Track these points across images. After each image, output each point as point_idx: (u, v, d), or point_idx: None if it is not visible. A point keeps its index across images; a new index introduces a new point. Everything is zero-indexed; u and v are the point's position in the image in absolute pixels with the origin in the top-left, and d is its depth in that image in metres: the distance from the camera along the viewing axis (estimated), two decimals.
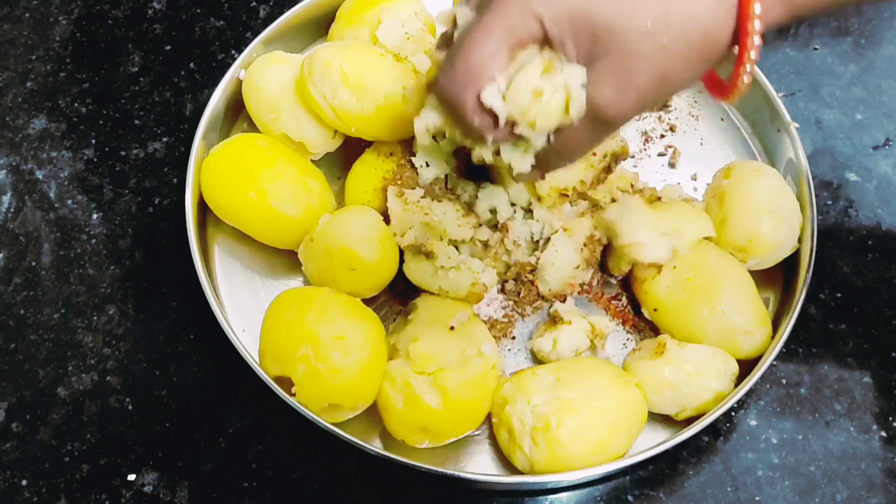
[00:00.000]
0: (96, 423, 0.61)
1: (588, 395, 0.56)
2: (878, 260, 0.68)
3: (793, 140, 0.68)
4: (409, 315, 0.61)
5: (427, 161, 0.64)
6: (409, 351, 0.57)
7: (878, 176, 0.73)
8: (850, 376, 0.63)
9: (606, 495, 0.59)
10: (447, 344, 0.58)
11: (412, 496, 0.59)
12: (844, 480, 0.60)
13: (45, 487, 0.59)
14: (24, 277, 0.67)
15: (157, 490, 0.59)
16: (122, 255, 0.68)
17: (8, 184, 0.71)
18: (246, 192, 0.62)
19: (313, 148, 0.67)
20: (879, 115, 0.76)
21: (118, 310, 0.65)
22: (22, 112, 0.74)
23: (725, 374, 0.59)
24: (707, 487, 0.60)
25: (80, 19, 0.80)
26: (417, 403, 0.56)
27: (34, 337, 0.64)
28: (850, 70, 0.78)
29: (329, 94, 0.63)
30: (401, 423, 0.57)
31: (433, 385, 0.56)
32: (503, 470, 0.59)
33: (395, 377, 0.57)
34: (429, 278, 0.61)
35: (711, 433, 0.61)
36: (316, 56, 0.63)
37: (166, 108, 0.75)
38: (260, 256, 0.66)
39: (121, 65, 0.77)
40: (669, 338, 0.61)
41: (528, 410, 0.55)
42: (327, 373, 0.55)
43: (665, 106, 0.74)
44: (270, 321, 0.59)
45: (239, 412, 0.61)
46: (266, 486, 0.59)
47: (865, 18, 0.81)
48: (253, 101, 0.67)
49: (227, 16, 0.81)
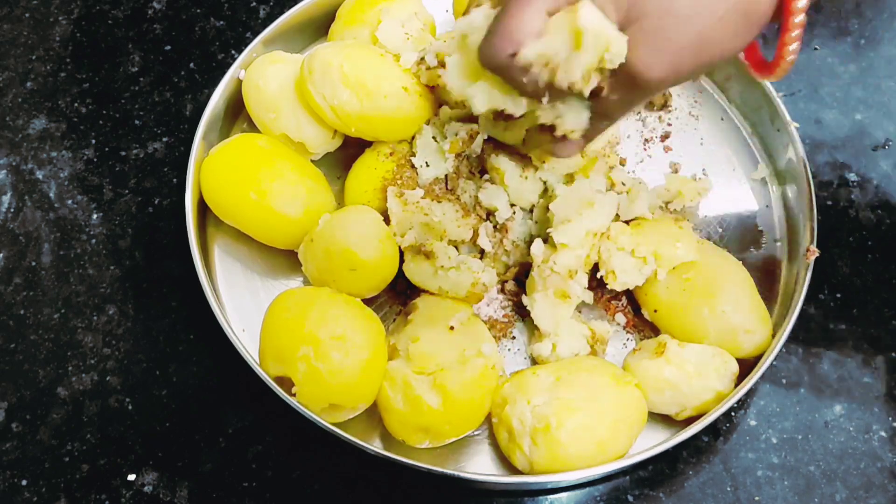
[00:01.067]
0: (96, 423, 0.61)
1: (588, 396, 0.56)
2: (878, 260, 0.68)
3: (793, 140, 0.68)
4: (409, 315, 0.61)
5: (427, 161, 0.64)
6: (409, 351, 0.57)
7: (878, 176, 0.73)
8: (850, 376, 0.64)
9: (606, 495, 0.59)
10: (447, 344, 0.58)
11: (412, 496, 0.59)
12: (844, 480, 0.60)
13: (45, 487, 0.59)
14: (24, 277, 0.67)
15: (157, 490, 0.59)
16: (122, 255, 0.68)
17: (8, 184, 0.71)
18: (246, 192, 0.62)
19: (313, 148, 0.67)
20: (879, 115, 0.76)
21: (118, 310, 0.65)
22: (22, 112, 0.75)
23: (726, 374, 0.59)
24: (707, 487, 0.60)
25: (80, 19, 0.80)
26: (417, 403, 0.56)
27: (34, 337, 0.64)
28: (850, 70, 0.78)
29: (329, 94, 0.63)
30: (401, 423, 0.57)
31: (433, 385, 0.56)
32: (503, 470, 0.59)
33: (395, 377, 0.57)
34: (429, 278, 0.61)
35: (711, 433, 0.61)
36: (316, 56, 0.63)
37: (166, 108, 0.75)
38: (260, 256, 0.66)
39: (121, 65, 0.77)
40: (670, 338, 0.61)
41: (528, 411, 0.55)
42: (328, 373, 0.55)
43: (665, 105, 0.74)
44: (270, 321, 0.59)
45: (239, 412, 0.62)
46: (266, 486, 0.59)
47: (865, 18, 0.81)
48: (253, 101, 0.67)
49: (227, 16, 0.81)
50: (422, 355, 0.57)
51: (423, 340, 0.58)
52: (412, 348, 0.57)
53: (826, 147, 0.74)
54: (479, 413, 0.58)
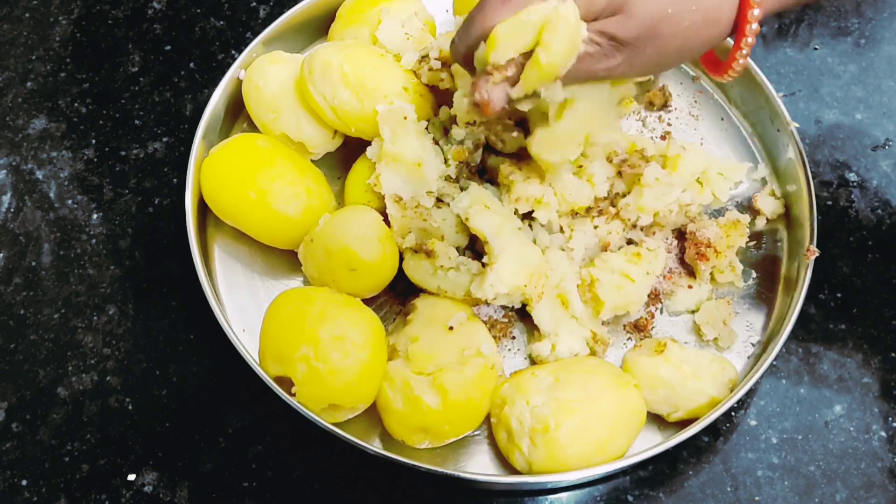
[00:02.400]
0: (96, 423, 0.61)
1: (587, 397, 0.56)
2: (878, 260, 0.68)
3: (793, 140, 0.68)
4: (409, 315, 0.61)
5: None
6: (409, 351, 0.57)
7: (878, 176, 0.73)
8: (850, 376, 0.64)
9: (606, 495, 0.59)
10: (446, 344, 0.58)
11: (412, 496, 0.59)
12: (844, 480, 0.60)
13: (45, 487, 0.59)
14: (24, 277, 0.67)
15: (157, 490, 0.59)
16: (122, 255, 0.68)
17: (8, 184, 0.71)
18: (246, 192, 0.62)
19: (313, 148, 0.67)
20: (879, 115, 0.76)
21: (118, 310, 0.65)
22: (22, 112, 0.75)
23: (722, 380, 0.59)
24: (707, 487, 0.60)
25: (80, 19, 0.80)
26: (417, 404, 0.56)
27: (34, 337, 0.64)
28: (850, 70, 0.78)
29: (329, 95, 0.63)
30: (400, 424, 0.57)
31: (432, 385, 0.56)
32: (502, 470, 0.59)
33: (395, 377, 0.57)
34: (428, 277, 0.61)
35: (711, 433, 0.61)
36: (316, 56, 0.63)
37: (166, 108, 0.75)
38: (260, 256, 0.66)
39: (121, 65, 0.77)
40: (672, 340, 0.61)
41: (527, 411, 0.55)
42: (328, 373, 0.55)
43: (665, 105, 0.74)
44: (270, 321, 0.59)
45: (239, 412, 0.62)
46: (266, 486, 0.59)
47: (865, 18, 0.81)
48: (253, 101, 0.67)
49: (227, 16, 0.81)
50: (421, 355, 0.57)
51: (422, 341, 0.58)
52: (411, 348, 0.57)
53: (826, 147, 0.74)
54: (478, 413, 0.58)
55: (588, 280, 0.62)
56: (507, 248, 0.59)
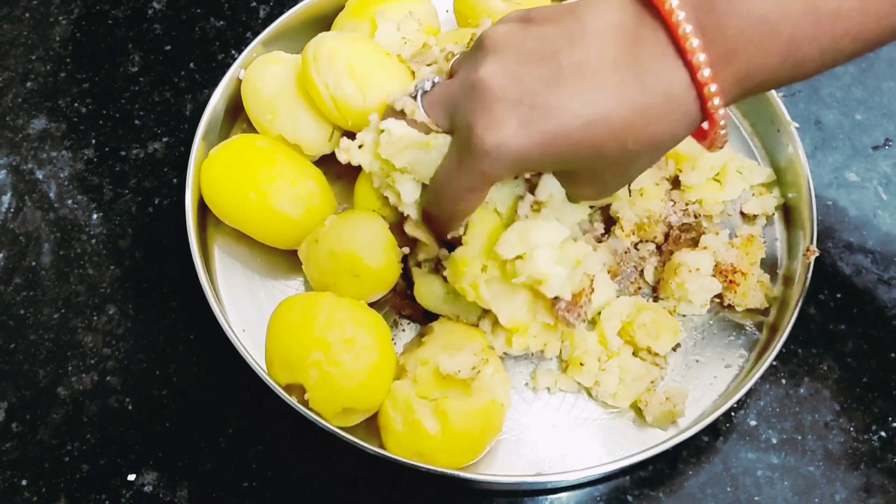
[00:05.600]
0: (96, 423, 0.61)
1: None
2: (878, 260, 0.69)
3: (793, 140, 0.68)
4: (424, 337, 0.60)
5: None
6: (417, 373, 0.56)
7: (878, 176, 0.73)
8: (850, 377, 0.64)
9: (606, 495, 0.59)
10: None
11: (412, 496, 0.59)
12: (844, 481, 0.60)
13: (45, 487, 0.59)
14: (24, 277, 0.67)
15: (157, 490, 0.59)
16: (122, 255, 0.68)
17: (8, 184, 0.71)
18: (246, 193, 0.62)
19: (309, 150, 0.66)
20: (879, 115, 0.76)
21: (118, 310, 0.65)
22: (22, 112, 0.75)
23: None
24: (707, 487, 0.60)
25: (80, 19, 0.80)
26: (416, 427, 0.55)
27: (34, 337, 0.64)
28: (850, 70, 0.78)
29: (332, 84, 0.62)
30: (398, 445, 0.56)
31: (434, 411, 0.55)
32: (503, 470, 0.59)
33: (399, 397, 0.56)
34: (439, 303, 0.60)
35: (711, 433, 0.61)
36: (323, 43, 0.62)
37: (166, 108, 0.75)
38: (260, 256, 0.66)
39: (121, 65, 0.77)
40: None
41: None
42: (341, 377, 0.54)
43: None
44: (276, 329, 0.58)
45: (239, 412, 0.62)
46: (266, 486, 0.59)
47: None
48: (251, 102, 0.67)
49: (227, 16, 0.81)
50: (428, 380, 0.56)
51: (431, 365, 0.56)
52: (420, 371, 0.56)
53: (826, 147, 0.74)
54: (477, 447, 0.57)
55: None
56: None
